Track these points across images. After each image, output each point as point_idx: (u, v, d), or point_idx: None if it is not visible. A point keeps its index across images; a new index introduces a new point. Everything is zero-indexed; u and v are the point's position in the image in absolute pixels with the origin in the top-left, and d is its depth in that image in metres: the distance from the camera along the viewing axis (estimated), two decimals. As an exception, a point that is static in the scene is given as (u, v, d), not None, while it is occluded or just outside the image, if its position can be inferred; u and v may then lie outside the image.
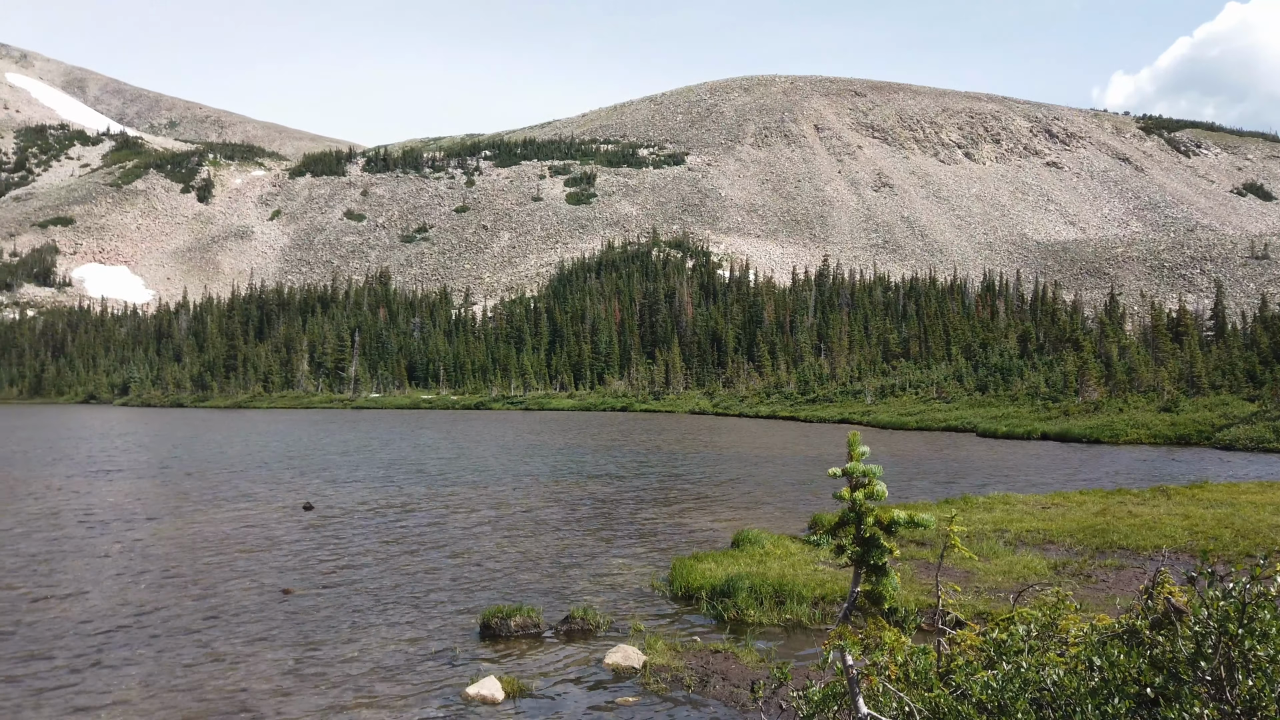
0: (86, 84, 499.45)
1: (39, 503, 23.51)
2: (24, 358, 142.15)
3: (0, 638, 11.15)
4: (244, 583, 14.15)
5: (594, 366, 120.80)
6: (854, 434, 4.96)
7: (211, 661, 10.25)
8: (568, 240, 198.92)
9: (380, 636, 11.25)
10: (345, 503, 23.31)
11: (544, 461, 35.28)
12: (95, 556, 16.29)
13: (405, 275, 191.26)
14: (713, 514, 21.47)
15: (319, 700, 9.10)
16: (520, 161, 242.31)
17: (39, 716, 8.63)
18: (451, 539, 18.02)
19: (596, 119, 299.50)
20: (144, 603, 12.89)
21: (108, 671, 9.89)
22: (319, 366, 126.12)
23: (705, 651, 10.45)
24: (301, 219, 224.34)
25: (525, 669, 10.05)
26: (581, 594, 13.39)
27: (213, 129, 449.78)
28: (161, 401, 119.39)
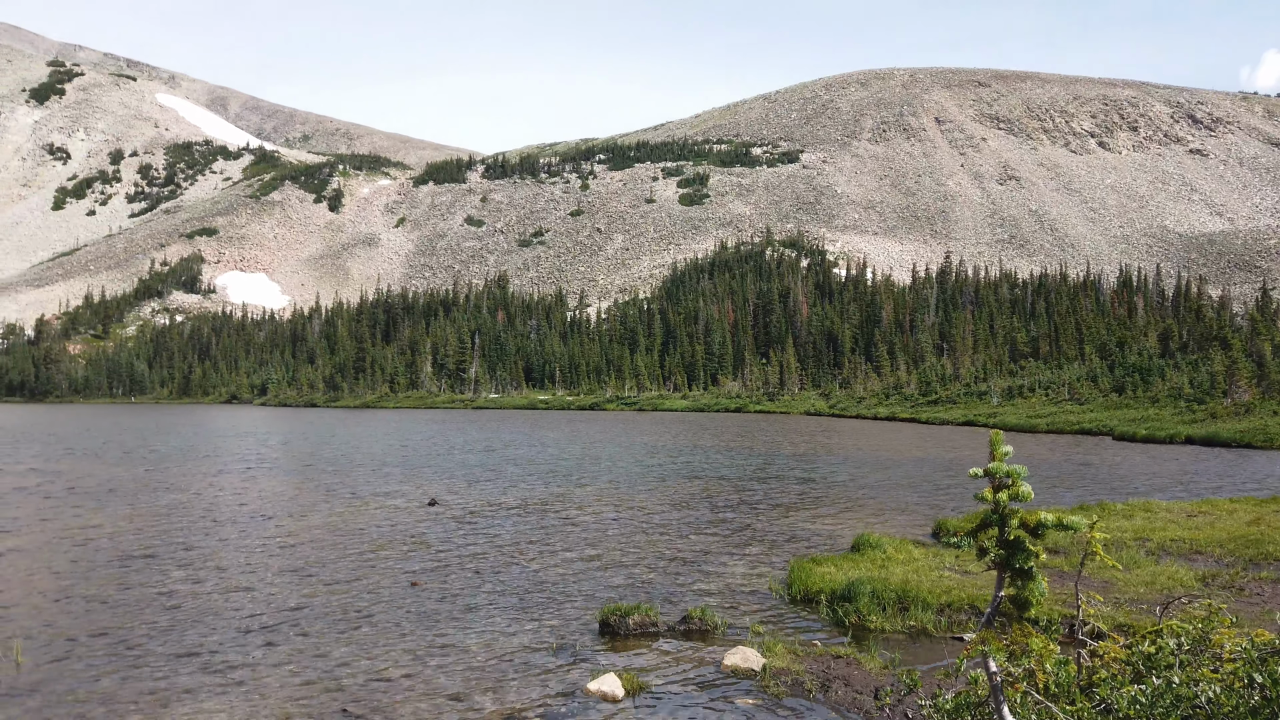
0: (228, 102, 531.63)
1: (193, 497, 25.07)
2: (174, 360, 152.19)
3: (153, 622, 11.91)
4: (374, 574, 14.70)
5: (707, 367, 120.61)
6: (996, 434, 4.73)
7: (344, 648, 10.67)
8: (680, 241, 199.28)
9: (503, 630, 11.48)
10: (468, 500, 23.95)
11: (660, 462, 35.41)
12: (239, 548, 17.24)
13: (522, 278, 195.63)
14: (831, 517, 21.06)
15: (445, 689, 9.35)
16: (633, 164, 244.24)
17: (186, 698, 9.16)
18: (571, 537, 18.26)
19: (709, 119, 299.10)
20: (281, 591, 13.55)
21: (249, 655, 10.43)
22: (441, 368, 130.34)
23: (826, 656, 10.24)
24: (425, 225, 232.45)
25: (644, 667, 10.07)
26: (698, 594, 13.34)
27: (342, 141, 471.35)
28: (296, 401, 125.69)
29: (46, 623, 11.74)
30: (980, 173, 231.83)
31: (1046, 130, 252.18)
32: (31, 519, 20.57)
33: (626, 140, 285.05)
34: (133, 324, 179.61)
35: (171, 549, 16.91)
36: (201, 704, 8.88)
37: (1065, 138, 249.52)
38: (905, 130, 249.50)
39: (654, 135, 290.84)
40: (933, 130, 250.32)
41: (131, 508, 22.40)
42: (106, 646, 10.69)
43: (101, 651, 10.50)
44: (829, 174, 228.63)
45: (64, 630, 11.39)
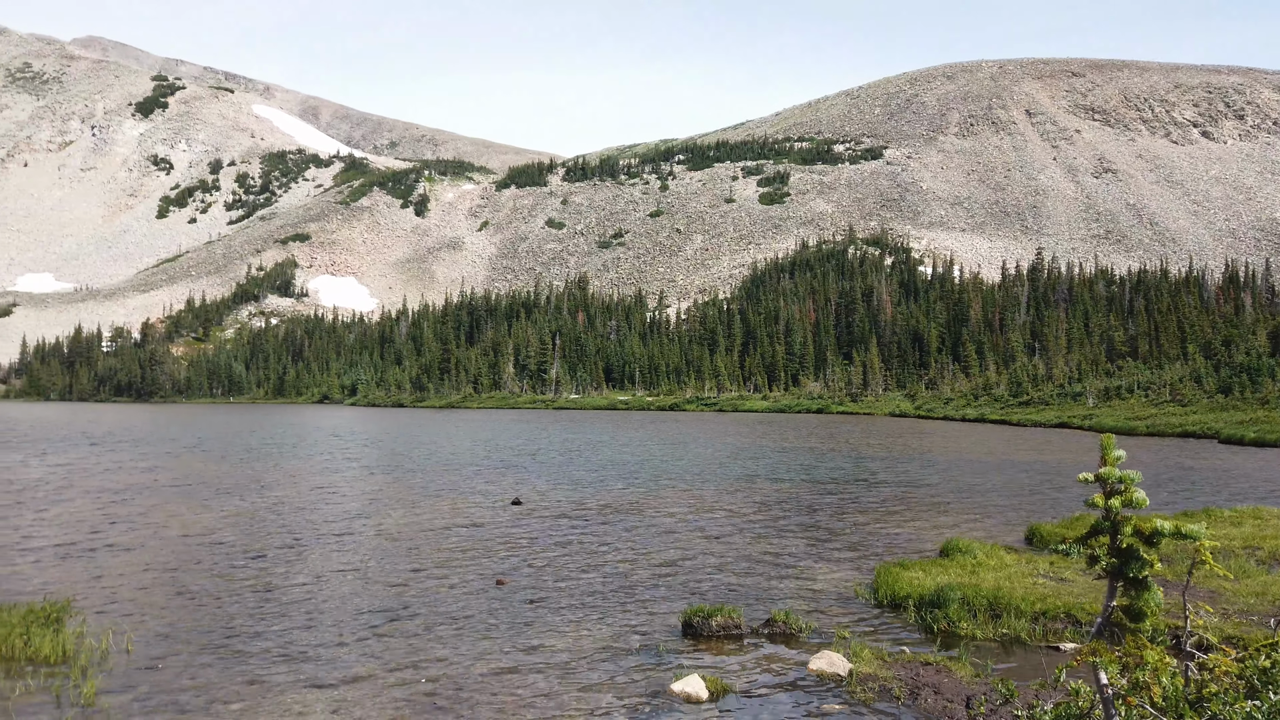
0: (319, 111, 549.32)
1: (290, 494, 25.95)
2: (269, 361, 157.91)
3: (252, 615, 12.36)
4: (461, 571, 14.97)
5: (788, 368, 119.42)
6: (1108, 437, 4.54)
7: (432, 643, 10.88)
8: (760, 241, 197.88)
9: (587, 628, 11.55)
10: (551, 500, 24.20)
11: (742, 464, 35.20)
12: (332, 545, 17.76)
13: (602, 280, 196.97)
14: (918, 520, 20.60)
15: (531, 686, 9.45)
16: (713, 164, 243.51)
17: (282, 688, 9.47)
18: (653, 537, 18.28)
19: (790, 117, 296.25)
20: (371, 587, 13.91)
21: (341, 648, 10.72)
22: (523, 369, 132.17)
23: (915, 663, 10.00)
24: (507, 228, 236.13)
25: (727, 669, 10.00)
26: (782, 597, 13.19)
27: (428, 147, 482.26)
28: (384, 402, 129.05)
29: (154, 614, 12.30)
30: (1074, 166, 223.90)
31: (1145, 120, 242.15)
32: (144, 515, 21.59)
33: (706, 140, 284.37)
34: (231, 327, 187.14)
35: (269, 545, 17.53)
36: (296, 695, 9.16)
37: (1166, 128, 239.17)
38: (994, 124, 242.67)
39: (733, 134, 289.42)
40: (1023, 123, 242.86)
41: (233, 505, 23.33)
42: (208, 638, 11.14)
43: (203, 642, 10.94)
44: (914, 170, 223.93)
45: (170, 621, 11.91)
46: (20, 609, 11.21)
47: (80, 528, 19.35)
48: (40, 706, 8.69)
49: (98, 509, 22.17)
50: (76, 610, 11.98)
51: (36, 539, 17.97)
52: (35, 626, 10.57)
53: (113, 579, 14.33)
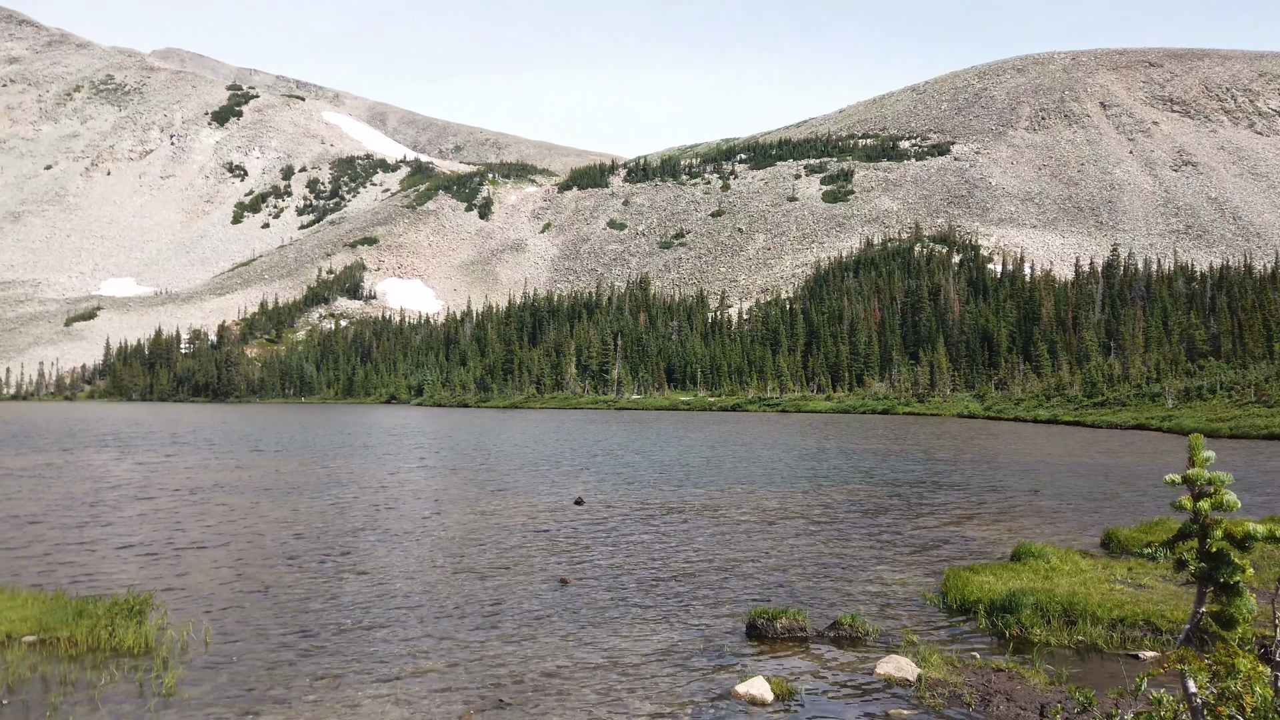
0: (387, 117, 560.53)
1: (360, 492, 26.52)
2: (338, 362, 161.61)
3: (323, 610, 12.65)
4: (524, 569, 15.10)
5: (852, 368, 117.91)
6: (1196, 438, 4.38)
7: (498, 640, 11.00)
8: (824, 239, 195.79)
9: (650, 629, 11.55)
10: (614, 499, 24.28)
11: (806, 464, 34.86)
12: (399, 541, 18.09)
13: (663, 280, 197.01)
14: (988, 524, 20.15)
15: (595, 685, 9.48)
16: (775, 163, 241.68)
17: (353, 681, 9.66)
18: (717, 538, 18.21)
19: (854, 113, 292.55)
20: (439, 583, 14.12)
21: (409, 642, 10.91)
22: (585, 369, 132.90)
23: (986, 669, 9.77)
24: (569, 230, 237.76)
25: (793, 672, 9.90)
26: (848, 600, 13.02)
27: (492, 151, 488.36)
28: (449, 402, 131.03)
29: (231, 608, 12.67)
30: (1151, 159, 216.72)
31: (1228, 111, 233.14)
32: (222, 512, 22.29)
33: (768, 139, 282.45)
34: (302, 329, 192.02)
35: (340, 542, 17.94)
36: (367, 688, 9.35)
37: (1249, 118, 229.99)
38: (1067, 117, 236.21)
39: (796, 132, 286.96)
40: (1097, 116, 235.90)
41: (307, 503, 23.93)
42: (282, 631, 11.43)
43: (277, 636, 11.23)
44: (983, 165, 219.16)
45: (246, 615, 12.26)
46: (105, 602, 11.65)
47: (163, 524, 20.05)
48: (125, 696, 9.01)
49: (179, 506, 22.95)
50: (158, 603, 12.41)
51: (122, 534, 18.68)
52: (120, 619, 10.97)
53: (192, 574, 14.81)
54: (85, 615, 11.03)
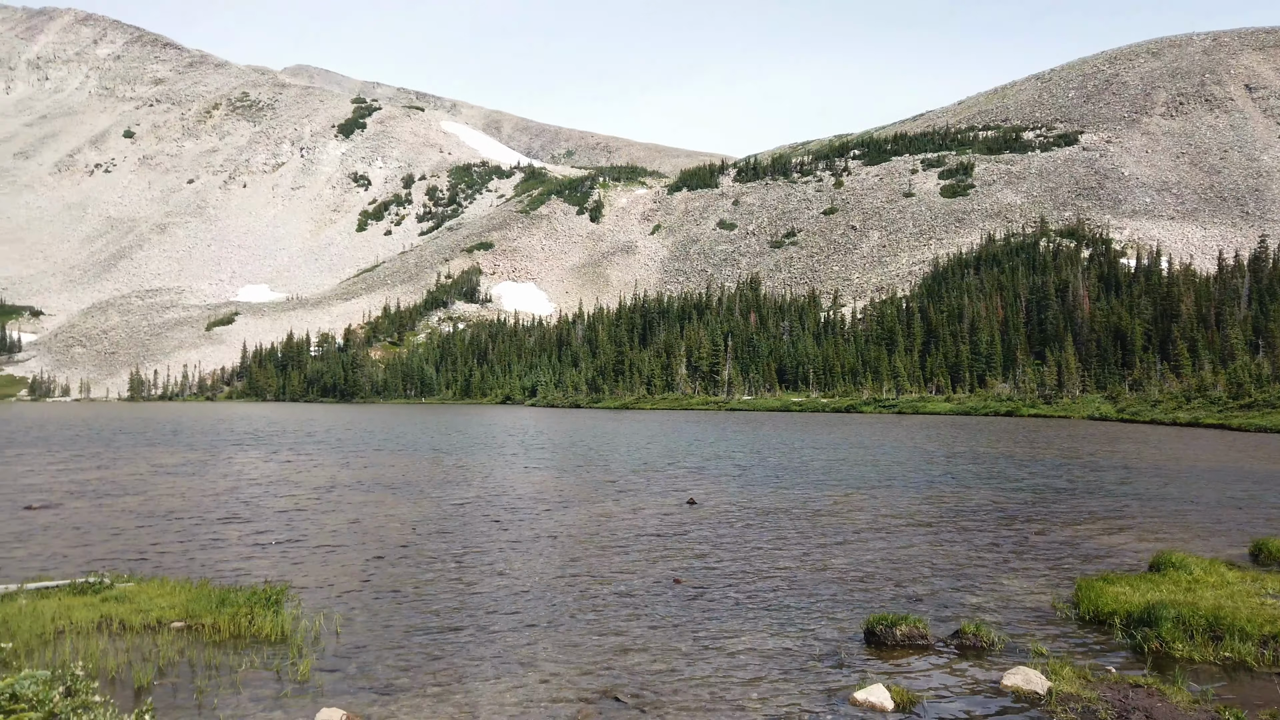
0: (501, 125, 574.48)
1: (478, 490, 27.25)
2: (456, 364, 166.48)
3: (443, 603, 13.03)
4: (638, 569, 15.19)
5: (973, 368, 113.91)
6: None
7: (612, 639, 11.10)
8: (942, 236, 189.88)
9: (764, 632, 11.44)
10: (726, 500, 24.17)
11: (926, 467, 33.88)
12: (517, 538, 18.48)
13: (774, 280, 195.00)
14: (1123, 532, 19.12)
15: (710, 686, 9.45)
16: (890, 158, 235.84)
17: (472, 673, 9.92)
18: (833, 542, 17.89)
19: (974, 105, 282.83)
20: (555, 580, 14.35)
21: (526, 638, 11.12)
22: (695, 370, 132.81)
23: (1123, 684, 9.26)
24: (678, 231, 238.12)
25: (913, 680, 9.63)
26: (971, 609, 12.58)
27: (602, 154, 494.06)
28: (562, 402, 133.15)
29: (360, 599, 13.21)
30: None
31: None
32: (353, 508, 23.29)
33: (882, 133, 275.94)
34: (422, 331, 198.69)
35: (462, 538, 18.47)
36: (487, 681, 9.58)
37: None
38: (1207, 101, 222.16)
39: (912, 126, 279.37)
40: (1242, 99, 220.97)
41: (431, 499, 24.75)
42: (408, 623, 11.85)
43: (404, 627, 11.64)
44: (1114, 155, 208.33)
45: (374, 607, 12.76)
46: (245, 591, 12.32)
47: (298, 519, 21.10)
48: (263, 681, 9.50)
49: (313, 502, 24.11)
50: (293, 594, 13.04)
51: (261, 528, 19.75)
52: (258, 608, 11.59)
53: (324, 566, 15.52)
54: (227, 604, 11.70)
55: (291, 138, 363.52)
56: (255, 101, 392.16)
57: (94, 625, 10.91)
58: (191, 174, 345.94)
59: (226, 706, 8.72)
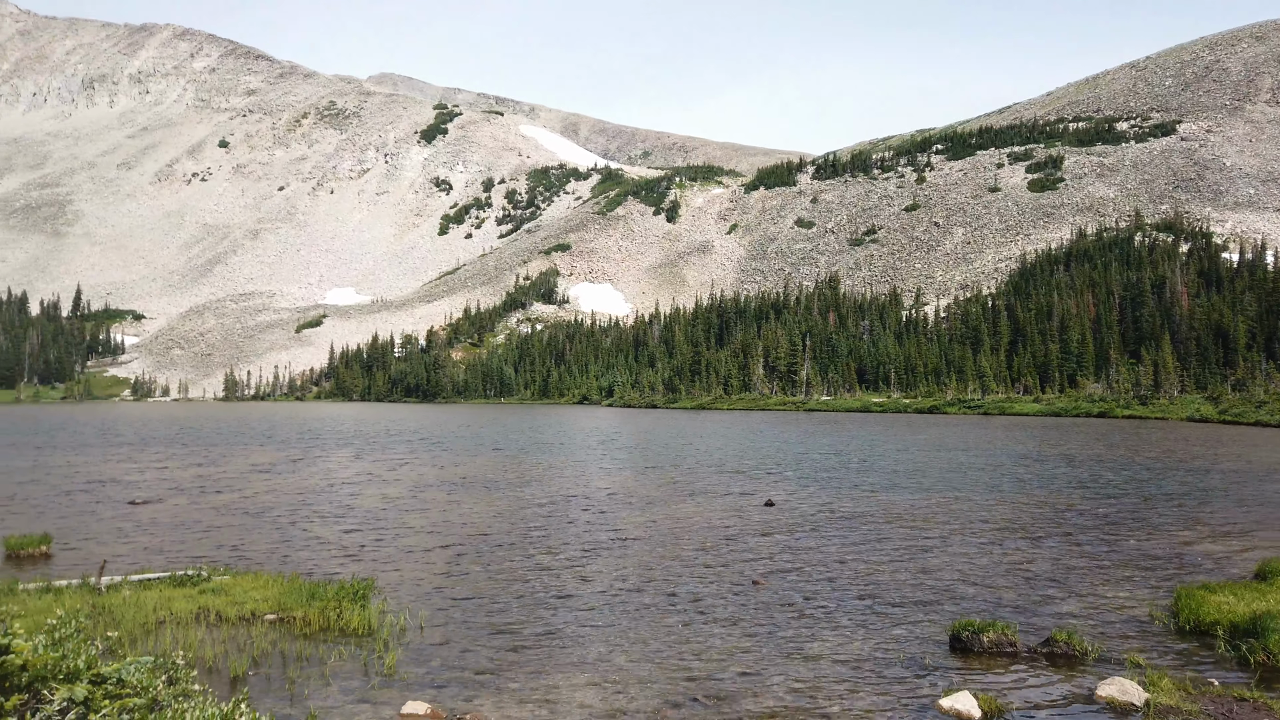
0: (579, 127, 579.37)
1: (558, 489, 27.53)
2: (534, 365, 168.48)
3: (523, 600, 13.18)
4: (716, 570, 15.13)
5: (1063, 368, 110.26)
6: None
7: (692, 639, 11.08)
8: (1029, 231, 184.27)
9: (846, 635, 11.27)
10: (805, 502, 23.90)
11: (1015, 470, 32.92)
12: (596, 537, 18.60)
13: (854, 278, 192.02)
14: (1226, 539, 18.24)
15: (791, 690, 9.35)
16: (975, 152, 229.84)
17: (553, 671, 10.00)
18: (916, 545, 17.53)
19: (1063, 96, 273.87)
20: (634, 580, 14.39)
21: (606, 637, 11.18)
22: (772, 370, 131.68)
23: (1227, 698, 8.83)
24: (755, 230, 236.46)
25: (1001, 688, 9.35)
26: (1061, 616, 12.16)
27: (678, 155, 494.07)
28: (638, 403, 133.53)
29: (443, 595, 13.47)
30: None
31: None
32: (437, 505, 23.79)
33: (966, 127, 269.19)
34: (501, 333, 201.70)
35: (543, 536, 18.69)
36: (568, 678, 9.66)
37: None
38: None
39: (998, 119, 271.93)
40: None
41: (512, 497, 25.11)
42: (489, 619, 12.03)
43: (485, 623, 11.83)
44: (1214, 145, 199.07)
45: (457, 603, 12.99)
46: (334, 586, 12.68)
47: (384, 515, 21.65)
48: (351, 673, 9.77)
49: (399, 499, 24.71)
50: (379, 589, 13.38)
51: (349, 524, 20.32)
52: (346, 602, 11.92)
53: (410, 562, 15.88)
54: (317, 597, 12.06)
55: (376, 144, 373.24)
56: (342, 110, 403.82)
57: (192, 616, 11.38)
58: (282, 181, 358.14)
59: (316, 697, 8.98)
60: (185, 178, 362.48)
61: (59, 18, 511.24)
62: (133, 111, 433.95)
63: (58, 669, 5.28)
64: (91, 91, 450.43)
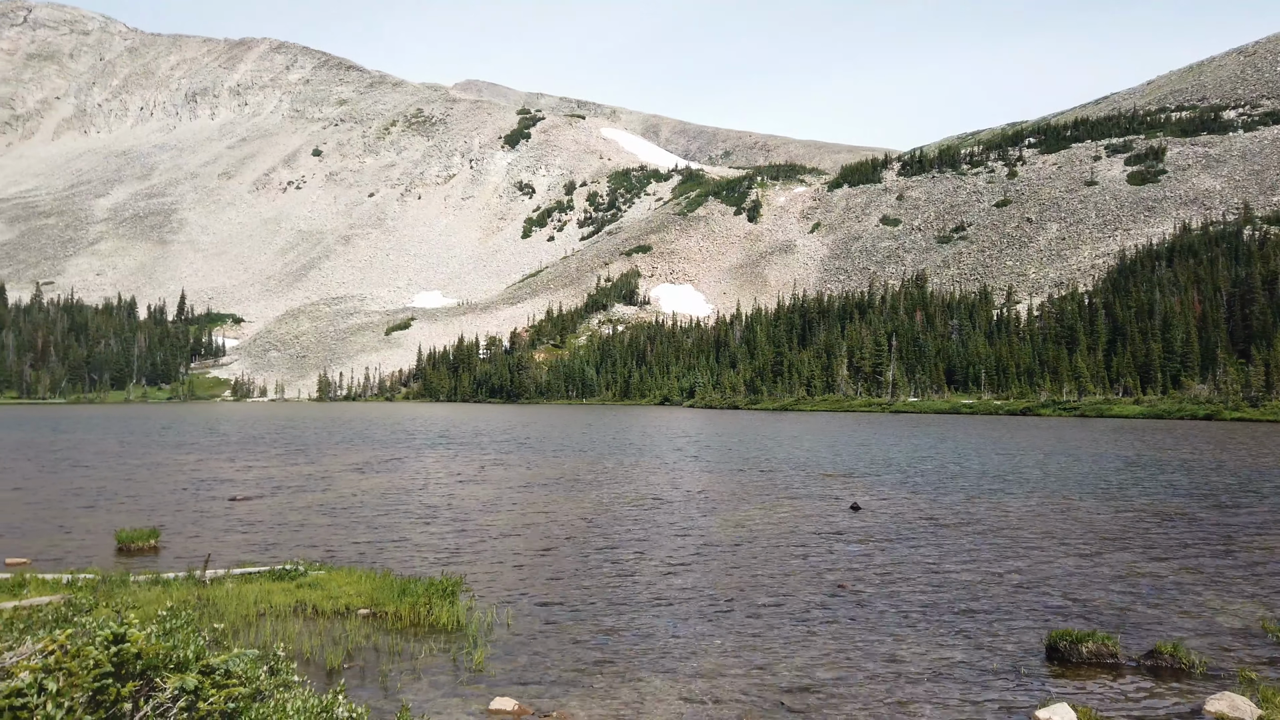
0: (659, 129, 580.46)
1: (644, 489, 27.63)
2: (615, 366, 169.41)
3: (608, 601, 13.25)
4: (801, 572, 14.96)
5: (1165, 368, 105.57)
6: None
7: (777, 642, 10.97)
8: (1129, 226, 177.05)
9: (936, 642, 11.00)
10: (892, 506, 23.45)
11: (1116, 475, 31.67)
12: (680, 538, 18.59)
13: (942, 277, 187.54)
14: (1346, 549, 17.18)
15: (881, 697, 9.17)
16: (1070, 144, 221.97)
17: (638, 672, 10.03)
18: (1009, 551, 17.02)
19: (1165, 84, 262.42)
20: (719, 582, 14.34)
21: (690, 638, 11.16)
22: (857, 371, 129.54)
23: (1351, 720, 8.31)
24: (839, 229, 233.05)
25: (1102, 701, 9.00)
26: (1165, 628, 11.64)
27: (760, 154, 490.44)
28: (720, 404, 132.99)
29: (530, 594, 13.65)
30: None
31: None
32: (525, 505, 24.14)
33: (1061, 119, 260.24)
34: (583, 334, 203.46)
35: (627, 537, 18.77)
36: (651, 680, 9.67)
37: None
38: None
39: (1095, 110, 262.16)
40: None
41: (596, 497, 25.32)
42: (575, 618, 12.14)
43: (570, 623, 11.94)
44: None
45: (543, 601, 13.15)
46: (424, 582, 12.98)
47: (473, 514, 22.07)
48: (441, 668, 9.98)
49: (487, 498, 25.16)
50: (467, 586, 13.64)
51: (438, 522, 20.78)
52: (435, 598, 12.19)
53: (497, 560, 16.15)
54: (407, 593, 12.36)
55: (462, 150, 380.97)
56: (429, 117, 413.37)
57: (290, 609, 11.79)
58: (372, 188, 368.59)
59: (408, 691, 9.20)
60: (281, 186, 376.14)
61: (164, 35, 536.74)
62: (232, 123, 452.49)
63: (169, 658, 5.54)
64: (194, 104, 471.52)
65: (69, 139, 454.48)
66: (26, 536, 18.46)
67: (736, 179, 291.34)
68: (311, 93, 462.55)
